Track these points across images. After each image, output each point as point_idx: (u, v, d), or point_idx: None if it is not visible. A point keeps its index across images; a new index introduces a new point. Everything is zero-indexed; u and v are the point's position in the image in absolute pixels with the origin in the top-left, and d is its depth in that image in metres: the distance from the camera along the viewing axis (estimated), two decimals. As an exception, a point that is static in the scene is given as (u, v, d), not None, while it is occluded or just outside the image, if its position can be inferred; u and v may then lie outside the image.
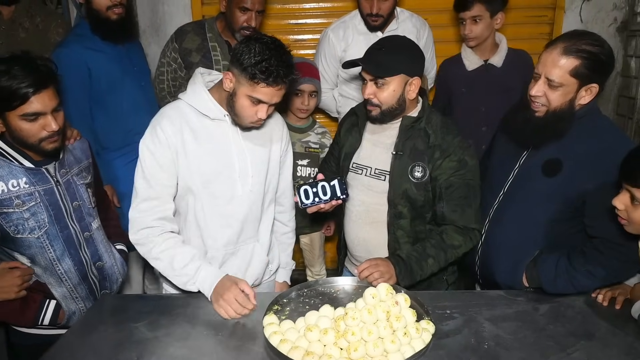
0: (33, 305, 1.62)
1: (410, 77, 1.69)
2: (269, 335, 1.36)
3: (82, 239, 1.70)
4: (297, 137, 2.45)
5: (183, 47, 2.45)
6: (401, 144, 1.75)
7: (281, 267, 1.98)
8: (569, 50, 1.51)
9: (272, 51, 1.48)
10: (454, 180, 1.71)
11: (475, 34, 2.36)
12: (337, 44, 2.55)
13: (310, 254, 2.75)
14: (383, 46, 1.70)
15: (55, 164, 1.64)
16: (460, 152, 1.71)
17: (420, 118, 1.75)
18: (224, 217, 1.69)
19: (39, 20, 2.53)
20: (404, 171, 1.74)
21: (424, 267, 1.69)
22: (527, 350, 1.34)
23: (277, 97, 1.55)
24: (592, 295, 1.60)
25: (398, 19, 2.55)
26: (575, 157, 1.57)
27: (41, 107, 1.50)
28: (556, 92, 1.54)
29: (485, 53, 2.44)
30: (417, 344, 1.31)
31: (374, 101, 1.71)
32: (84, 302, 1.72)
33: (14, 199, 1.54)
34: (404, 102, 1.72)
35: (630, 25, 3.08)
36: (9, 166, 1.55)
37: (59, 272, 1.65)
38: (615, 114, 3.18)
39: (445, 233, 1.73)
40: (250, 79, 1.48)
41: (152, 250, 1.62)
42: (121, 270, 1.86)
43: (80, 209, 1.70)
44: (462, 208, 1.72)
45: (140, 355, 1.34)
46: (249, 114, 1.57)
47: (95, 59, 2.28)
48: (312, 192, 1.64)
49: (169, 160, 1.60)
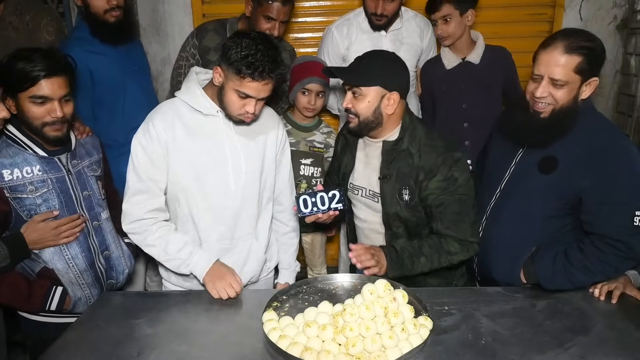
0: (40, 290, 1.67)
1: (388, 91, 1.67)
2: (268, 331, 1.37)
3: (91, 227, 1.76)
4: (302, 136, 2.45)
5: (203, 45, 2.46)
6: (386, 168, 1.75)
7: (284, 268, 1.97)
8: (570, 48, 1.52)
9: (259, 46, 1.51)
10: (444, 199, 1.70)
11: (447, 33, 2.41)
12: (340, 42, 2.55)
13: (311, 253, 2.75)
14: (364, 58, 1.72)
15: (67, 155, 1.72)
16: (446, 170, 1.69)
17: (400, 139, 1.73)
18: (216, 212, 1.71)
19: (28, 19, 2.50)
20: (393, 194, 1.75)
21: (415, 264, 1.70)
22: (525, 346, 1.34)
23: (265, 91, 1.58)
24: (589, 290, 1.61)
25: (402, 18, 2.55)
26: (571, 154, 1.57)
27: (49, 92, 1.57)
28: (561, 90, 1.55)
29: (463, 51, 2.47)
30: (415, 340, 1.32)
31: (352, 110, 1.72)
32: (90, 289, 1.76)
33: (27, 185, 1.61)
34: (380, 115, 1.70)
35: (630, 23, 3.07)
36: (23, 154, 1.62)
37: (66, 257, 1.70)
38: (615, 112, 3.18)
39: (445, 239, 1.72)
40: (237, 73, 1.52)
41: (147, 238, 1.68)
42: (128, 263, 1.90)
43: (90, 198, 1.76)
44: (455, 224, 1.71)
45: (140, 352, 1.35)
46: (236, 108, 1.60)
47: (97, 62, 2.29)
48: (311, 202, 1.67)
49: (159, 155, 1.64)
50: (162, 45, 3.18)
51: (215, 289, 1.61)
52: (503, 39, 2.83)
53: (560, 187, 1.59)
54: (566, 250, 1.61)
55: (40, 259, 1.68)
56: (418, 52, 2.62)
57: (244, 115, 1.62)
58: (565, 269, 1.59)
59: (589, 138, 1.57)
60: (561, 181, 1.58)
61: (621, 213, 1.52)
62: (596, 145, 1.55)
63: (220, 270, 1.66)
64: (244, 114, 1.61)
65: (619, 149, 1.54)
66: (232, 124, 1.70)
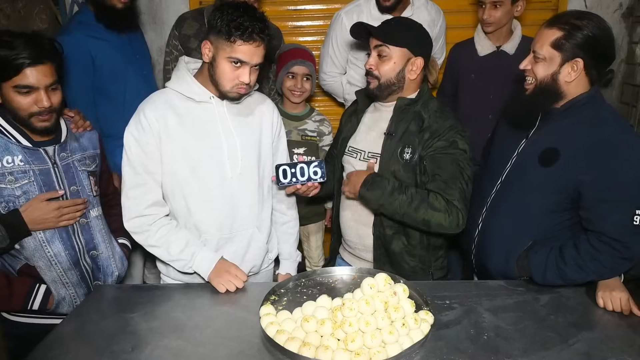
0: (22, 288, 1.62)
1: (414, 55, 1.71)
2: (265, 326, 1.35)
3: (77, 225, 1.70)
4: (293, 125, 2.43)
5: (182, 34, 2.44)
6: (394, 125, 1.75)
7: (284, 258, 1.95)
8: (553, 22, 1.52)
9: (245, 9, 1.51)
10: (441, 158, 1.69)
11: (494, 19, 2.32)
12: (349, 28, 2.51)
13: (308, 244, 2.73)
14: (393, 21, 1.79)
15: (55, 147, 1.65)
16: (452, 133, 1.69)
17: (416, 101, 1.75)
18: (214, 200, 1.68)
19: (20, 6, 2.48)
20: (394, 152, 1.74)
21: (394, 197, 1.66)
22: (528, 341, 1.32)
23: (257, 56, 1.55)
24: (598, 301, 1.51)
25: (413, 5, 2.50)
26: (574, 147, 1.53)
27: (34, 81, 1.51)
28: (539, 64, 1.55)
29: (500, 39, 2.40)
30: (415, 335, 1.30)
31: (374, 73, 1.73)
32: (75, 289, 1.70)
33: (6, 174, 1.55)
34: (402, 79, 1.73)
35: (636, 11, 3.02)
36: (5, 143, 1.56)
37: (48, 255, 1.63)
38: (619, 102, 3.13)
39: (433, 193, 1.67)
40: (227, 38, 1.50)
41: (148, 239, 1.66)
42: (119, 265, 1.84)
43: (79, 194, 1.69)
44: (446, 184, 1.66)
45: (135, 346, 1.33)
46: (230, 79, 1.56)
47: (99, 47, 2.27)
48: (290, 172, 1.67)
49: (153, 146, 1.60)
50: (159, 33, 3.13)
51: (222, 284, 1.60)
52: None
53: (560, 181, 1.54)
54: (561, 246, 1.57)
55: (22, 255, 1.63)
56: None
57: (238, 87, 1.58)
58: (557, 265, 1.55)
59: (592, 131, 1.51)
60: (561, 174, 1.54)
61: (621, 210, 1.47)
62: (598, 138, 1.50)
63: (224, 266, 1.64)
64: (239, 84, 1.57)
65: (622, 143, 1.48)
66: (227, 110, 1.66)
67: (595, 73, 1.55)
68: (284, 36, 2.72)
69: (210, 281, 1.63)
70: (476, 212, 1.75)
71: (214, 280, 1.62)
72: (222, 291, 1.59)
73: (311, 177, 1.68)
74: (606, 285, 1.51)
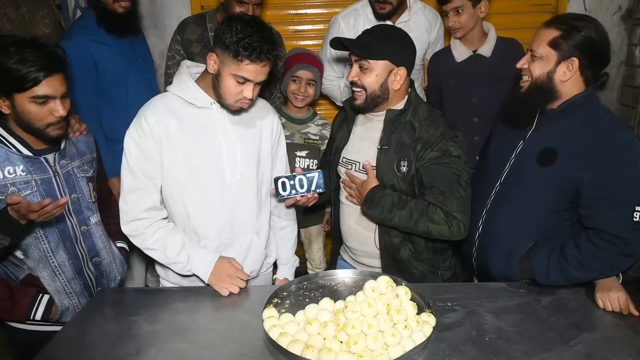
0: (25, 299, 1.61)
1: (396, 66, 1.68)
2: (268, 329, 1.35)
3: (79, 233, 1.69)
4: (296, 128, 2.43)
5: (185, 39, 2.45)
6: (386, 138, 1.74)
7: (282, 263, 1.95)
8: (551, 22, 1.54)
9: (254, 28, 1.49)
10: (436, 169, 1.68)
11: (459, 24, 2.34)
12: (346, 32, 2.51)
13: (309, 247, 2.73)
14: (373, 31, 1.71)
15: (55, 155, 1.63)
16: (443, 142, 1.68)
17: (405, 110, 1.73)
18: (213, 206, 1.68)
19: (24, 10, 2.49)
20: (390, 165, 1.73)
21: (394, 213, 1.68)
22: (529, 343, 1.32)
23: (262, 74, 1.55)
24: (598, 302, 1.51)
25: (411, 10, 2.50)
26: (571, 147, 1.54)
27: (52, 91, 1.50)
28: (535, 63, 1.58)
29: (474, 43, 2.41)
30: (417, 337, 1.30)
31: (358, 83, 1.71)
32: (78, 298, 1.69)
33: (9, 185, 1.52)
34: (387, 90, 1.70)
35: (635, 13, 3.03)
36: (6, 153, 1.54)
37: (52, 265, 1.63)
38: (619, 104, 3.14)
39: (433, 206, 1.68)
40: (234, 57, 1.49)
41: (145, 242, 1.66)
42: (120, 269, 1.84)
43: (79, 201, 1.68)
44: (443, 195, 1.67)
45: (139, 349, 1.33)
46: (234, 94, 1.57)
47: (101, 51, 2.28)
48: (290, 185, 1.66)
49: (153, 151, 1.60)
50: (160, 38, 3.14)
51: (224, 287, 1.61)
52: (506, 29, 2.77)
53: (559, 180, 1.55)
54: (562, 245, 1.58)
55: (25, 266, 1.61)
56: (425, 45, 2.59)
57: (241, 102, 1.59)
58: (559, 264, 1.55)
59: (589, 130, 1.53)
60: (560, 173, 1.55)
61: (620, 208, 1.48)
62: (596, 138, 1.51)
63: (223, 267, 1.64)
64: (242, 99, 1.58)
65: (620, 142, 1.51)
66: (227, 117, 1.67)
67: (590, 74, 1.56)
68: (285, 40, 2.73)
69: (212, 285, 1.63)
70: (476, 215, 1.75)
71: (216, 285, 1.62)
72: (225, 294, 1.60)
73: (310, 189, 1.67)
74: (604, 286, 1.52)
